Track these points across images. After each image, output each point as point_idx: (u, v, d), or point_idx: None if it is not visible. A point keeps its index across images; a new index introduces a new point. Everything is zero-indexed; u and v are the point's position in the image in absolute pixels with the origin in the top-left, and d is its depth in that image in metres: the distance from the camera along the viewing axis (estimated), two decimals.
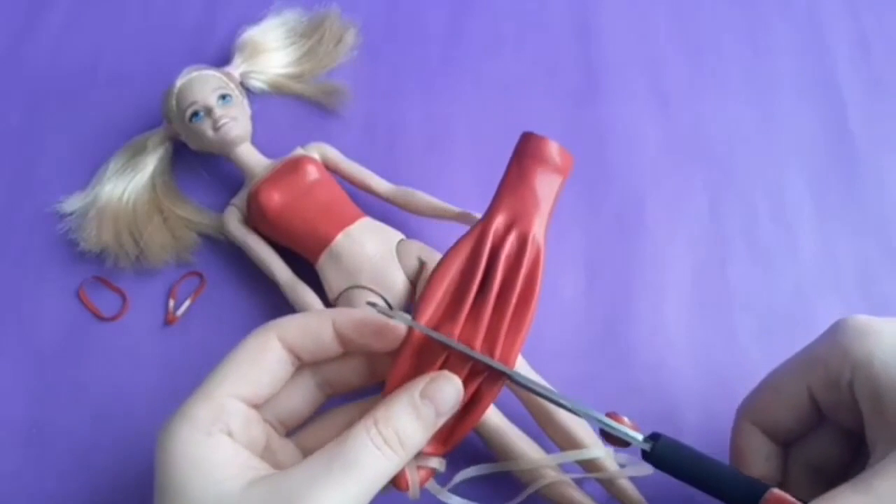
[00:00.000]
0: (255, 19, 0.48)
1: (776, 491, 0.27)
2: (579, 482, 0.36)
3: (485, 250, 0.29)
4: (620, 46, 0.50)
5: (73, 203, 0.44)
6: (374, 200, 0.43)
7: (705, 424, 0.38)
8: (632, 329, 0.41)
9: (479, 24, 0.51)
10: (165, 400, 0.30)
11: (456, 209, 0.41)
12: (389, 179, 0.42)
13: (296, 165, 0.41)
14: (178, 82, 0.43)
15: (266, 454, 0.29)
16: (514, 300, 0.29)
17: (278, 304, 0.40)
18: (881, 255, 0.43)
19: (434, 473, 0.29)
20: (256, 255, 0.41)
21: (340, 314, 0.29)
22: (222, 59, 0.47)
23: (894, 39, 0.50)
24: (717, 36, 0.50)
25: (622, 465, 0.33)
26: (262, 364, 0.28)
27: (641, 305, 0.41)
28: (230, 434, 0.27)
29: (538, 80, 0.49)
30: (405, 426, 0.27)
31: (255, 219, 0.41)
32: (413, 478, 0.28)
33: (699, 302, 0.41)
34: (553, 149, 0.30)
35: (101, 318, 0.42)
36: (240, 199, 0.42)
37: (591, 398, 0.37)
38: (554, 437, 0.36)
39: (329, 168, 0.43)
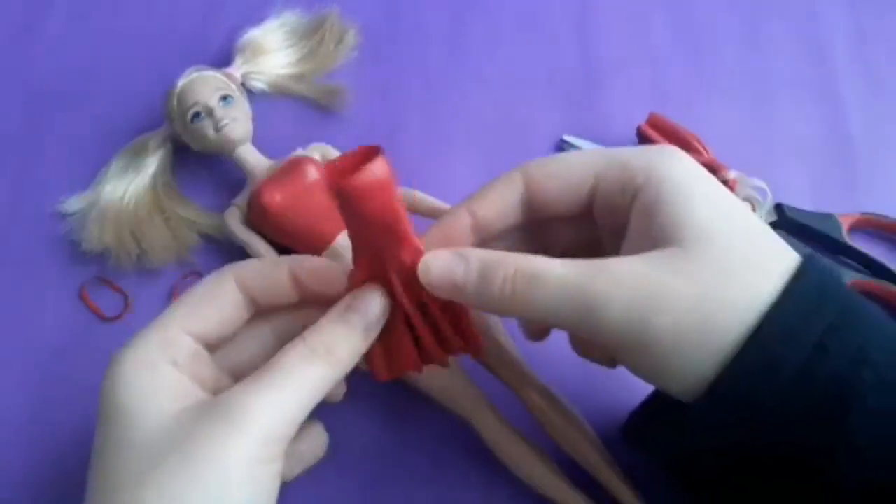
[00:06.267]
0: (255, 21, 0.48)
1: None
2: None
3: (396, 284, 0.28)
4: (620, 46, 0.50)
5: (74, 203, 0.44)
6: None
7: None
8: None
9: (479, 24, 0.51)
10: None
11: None
12: None
13: (297, 166, 0.41)
14: (180, 83, 0.43)
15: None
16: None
17: None
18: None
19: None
20: (257, 254, 0.41)
21: (297, 260, 0.30)
22: (223, 61, 0.47)
23: (894, 39, 0.50)
24: (716, 36, 0.50)
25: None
26: (214, 302, 0.29)
27: None
28: (175, 365, 0.27)
29: (538, 80, 0.49)
30: (331, 333, 0.27)
31: (257, 219, 0.41)
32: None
33: None
34: (364, 177, 0.24)
35: (103, 319, 0.42)
36: (241, 199, 0.42)
37: (591, 398, 0.37)
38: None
39: None
